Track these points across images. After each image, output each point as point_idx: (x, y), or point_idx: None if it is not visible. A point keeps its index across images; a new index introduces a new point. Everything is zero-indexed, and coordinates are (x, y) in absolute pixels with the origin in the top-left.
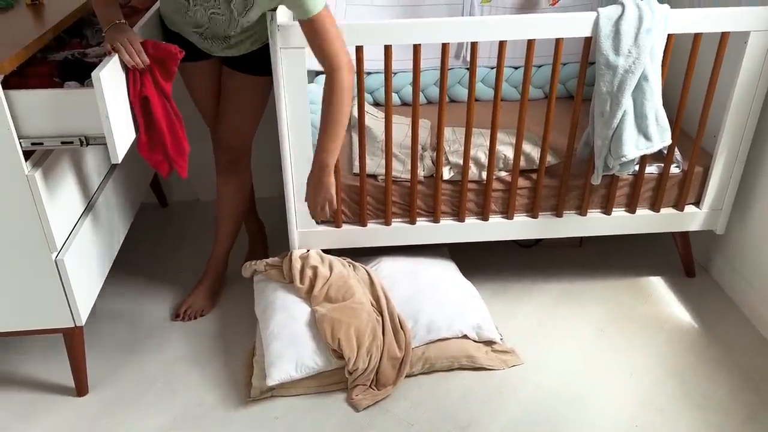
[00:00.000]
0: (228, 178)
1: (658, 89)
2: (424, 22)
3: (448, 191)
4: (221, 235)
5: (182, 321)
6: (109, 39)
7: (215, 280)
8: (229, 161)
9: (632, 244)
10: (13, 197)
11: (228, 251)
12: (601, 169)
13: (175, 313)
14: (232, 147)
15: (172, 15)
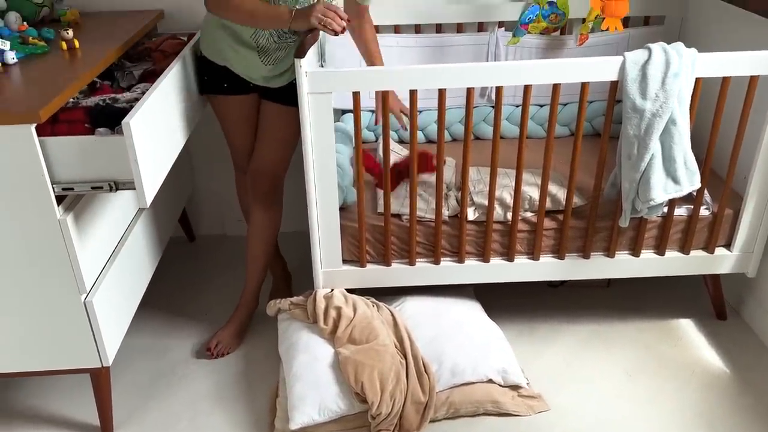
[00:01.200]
0: (261, 212)
1: (686, 133)
2: (449, 68)
3: (473, 231)
4: (253, 272)
5: (212, 357)
6: (310, 20)
7: (246, 317)
8: (264, 193)
9: (662, 285)
10: (45, 241)
11: (259, 288)
12: (629, 212)
13: (206, 347)
14: (267, 178)
15: (234, 43)
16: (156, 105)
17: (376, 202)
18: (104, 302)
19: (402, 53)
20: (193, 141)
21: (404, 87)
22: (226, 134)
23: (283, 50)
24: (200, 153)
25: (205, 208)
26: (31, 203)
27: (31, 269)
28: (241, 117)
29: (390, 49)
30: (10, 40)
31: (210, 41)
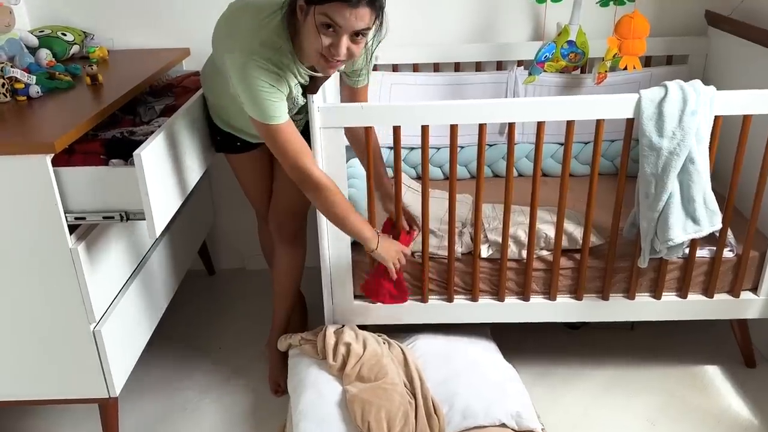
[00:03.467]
0: (287, 252)
1: (705, 172)
2: (460, 104)
3: (487, 269)
4: (280, 311)
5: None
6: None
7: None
8: (288, 234)
9: (687, 329)
10: (56, 269)
11: (287, 326)
12: (648, 252)
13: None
14: (290, 220)
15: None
16: (169, 138)
17: None
18: (114, 332)
19: (420, 91)
20: (214, 175)
21: (416, 123)
22: (243, 186)
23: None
24: (221, 187)
25: (225, 241)
26: (44, 231)
27: (41, 296)
28: (256, 169)
29: (408, 88)
30: (38, 75)
31: (220, 112)
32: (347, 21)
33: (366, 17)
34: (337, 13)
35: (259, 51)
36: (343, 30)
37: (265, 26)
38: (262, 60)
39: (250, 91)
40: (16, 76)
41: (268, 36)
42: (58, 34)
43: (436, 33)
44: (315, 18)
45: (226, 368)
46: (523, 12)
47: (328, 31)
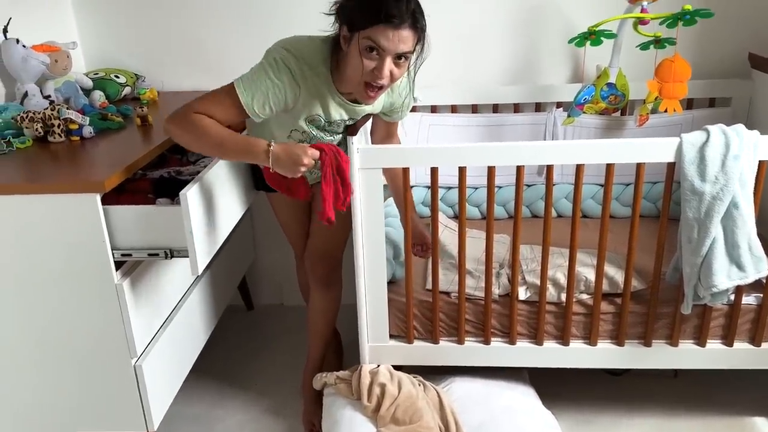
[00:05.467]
0: (322, 293)
1: (750, 217)
2: (497, 146)
3: (525, 312)
4: (314, 350)
5: None
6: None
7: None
8: (323, 275)
9: (734, 377)
10: (101, 304)
11: (321, 365)
12: (691, 298)
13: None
14: (325, 261)
15: None
16: (214, 178)
17: (425, 278)
18: (154, 367)
19: (458, 132)
20: (255, 211)
21: (454, 164)
22: (281, 225)
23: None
24: (262, 224)
25: (264, 277)
26: (91, 267)
27: (85, 330)
28: (293, 209)
29: (447, 128)
30: (91, 116)
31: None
32: (390, 42)
33: (409, 40)
34: (381, 35)
35: (294, 54)
36: (387, 53)
37: (311, 44)
38: (293, 61)
39: (258, 68)
40: (71, 117)
41: (310, 53)
42: (112, 76)
43: (474, 74)
44: (359, 43)
45: (262, 405)
46: (563, 54)
47: (371, 55)
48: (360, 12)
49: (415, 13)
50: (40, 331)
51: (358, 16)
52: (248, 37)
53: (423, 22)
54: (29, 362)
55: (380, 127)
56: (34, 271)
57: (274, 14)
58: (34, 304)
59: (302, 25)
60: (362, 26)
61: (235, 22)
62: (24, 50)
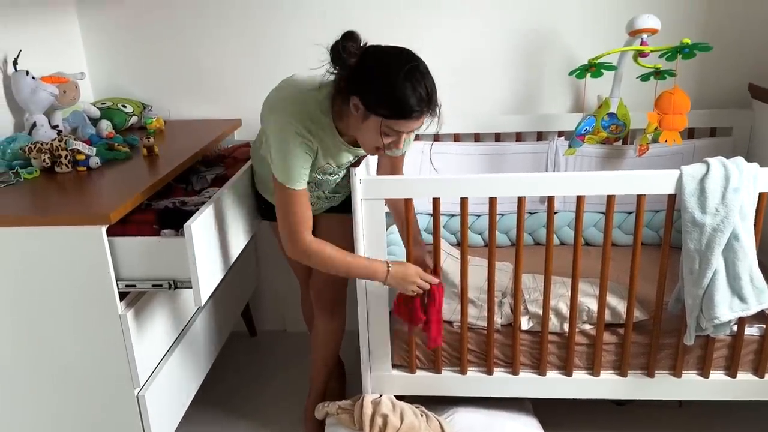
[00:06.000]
0: (326, 321)
1: (751, 249)
2: (499, 177)
3: (528, 342)
4: (317, 378)
5: None
6: (407, 287)
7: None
8: (327, 303)
9: (738, 408)
10: (105, 334)
11: (324, 393)
12: (694, 329)
13: None
14: (330, 289)
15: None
16: (217, 210)
17: None
18: (156, 397)
19: (461, 161)
20: (258, 238)
21: (455, 195)
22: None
23: (339, 193)
24: (265, 250)
25: (267, 304)
26: (95, 298)
27: (88, 360)
28: None
29: (449, 157)
30: (98, 146)
31: (266, 187)
32: (409, 128)
33: (425, 120)
34: (403, 126)
35: (298, 117)
36: (404, 133)
37: (307, 97)
38: (300, 126)
39: (281, 153)
40: (78, 148)
41: (309, 108)
42: (119, 105)
43: (477, 104)
44: (379, 124)
45: None
46: (564, 85)
47: (389, 135)
48: (383, 103)
49: (432, 100)
50: (43, 360)
51: (380, 106)
52: (255, 67)
53: (438, 101)
54: (32, 391)
55: (385, 162)
56: (39, 301)
57: (280, 44)
58: (38, 334)
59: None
60: (383, 115)
61: (241, 52)
62: (33, 82)
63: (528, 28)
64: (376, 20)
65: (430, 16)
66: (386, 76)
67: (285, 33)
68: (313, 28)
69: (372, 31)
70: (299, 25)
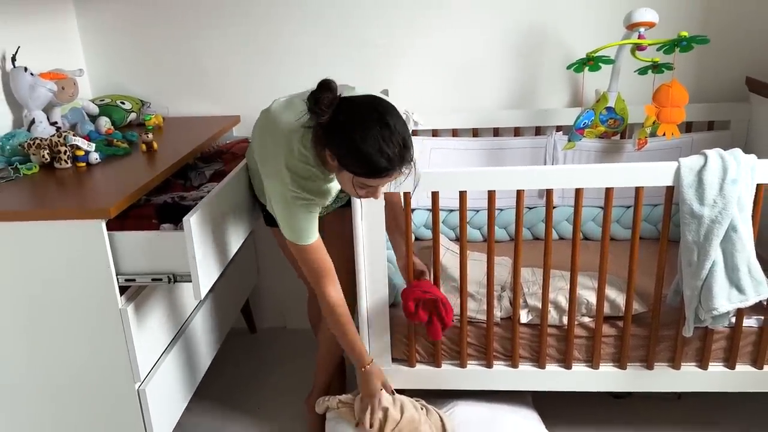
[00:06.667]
0: None
1: (749, 240)
2: (497, 170)
3: (527, 335)
4: (322, 373)
5: None
6: (371, 397)
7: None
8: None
9: (737, 400)
10: (105, 328)
11: (328, 388)
12: (693, 321)
13: None
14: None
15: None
16: (216, 205)
17: None
18: (157, 391)
19: (459, 156)
20: (258, 235)
21: (454, 188)
22: (291, 262)
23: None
24: (265, 247)
25: (267, 300)
26: (96, 292)
27: (89, 354)
28: None
29: (448, 152)
30: (97, 143)
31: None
32: (382, 183)
33: (399, 175)
34: (374, 182)
35: (289, 178)
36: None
37: (292, 154)
38: (297, 189)
39: (288, 218)
40: (77, 144)
41: (296, 164)
42: (117, 102)
43: (475, 99)
44: (352, 179)
45: (265, 429)
46: (562, 79)
47: (364, 188)
48: (353, 163)
49: (404, 157)
50: (44, 354)
51: (351, 165)
52: (253, 64)
53: (412, 156)
54: (32, 386)
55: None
56: (39, 295)
57: (278, 41)
58: (38, 329)
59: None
60: (354, 173)
61: (240, 49)
62: (32, 78)
63: (526, 23)
64: (374, 17)
65: (428, 12)
66: (356, 136)
67: (282, 30)
68: (311, 25)
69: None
70: (297, 22)
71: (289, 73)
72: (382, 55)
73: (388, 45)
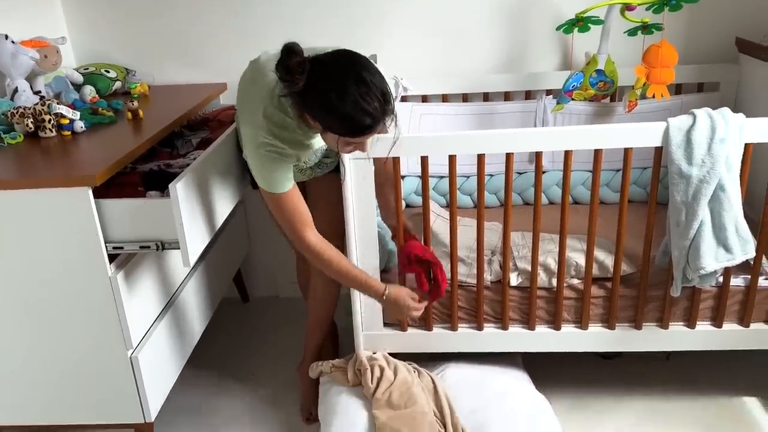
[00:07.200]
0: (323, 283)
1: (737, 199)
2: (486, 134)
3: (517, 297)
4: (313, 338)
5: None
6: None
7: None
8: None
9: (725, 359)
10: (96, 297)
11: (319, 353)
12: (680, 281)
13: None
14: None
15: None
16: (203, 171)
17: None
18: (150, 358)
19: (449, 121)
20: (248, 204)
21: (444, 152)
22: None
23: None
24: (256, 217)
25: (259, 270)
26: (85, 260)
27: (80, 323)
28: None
29: (437, 118)
30: (82, 111)
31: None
32: (368, 138)
33: (383, 129)
34: (360, 138)
35: (265, 126)
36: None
37: (272, 100)
38: (269, 137)
39: (258, 164)
40: (62, 113)
41: (274, 110)
42: (102, 71)
43: (464, 64)
44: (337, 139)
45: (259, 395)
46: (551, 42)
47: (350, 145)
48: (336, 125)
49: (385, 109)
50: (35, 323)
51: (334, 127)
52: (239, 31)
53: (393, 107)
54: (25, 355)
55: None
56: (28, 264)
57: (264, 7)
58: (28, 297)
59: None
60: (339, 133)
61: (225, 15)
62: (13, 46)
63: None
64: None
65: None
66: (333, 98)
67: None
68: None
69: None
70: None
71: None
72: (370, 21)
73: (376, 10)
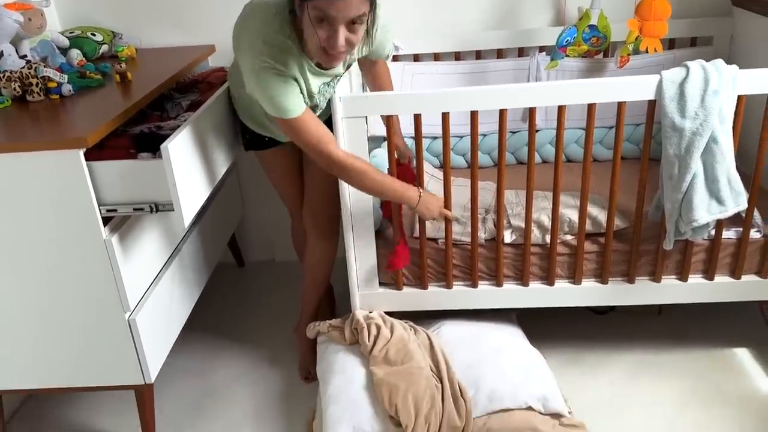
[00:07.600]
0: (322, 244)
1: (729, 152)
2: (480, 90)
3: (511, 254)
4: (309, 301)
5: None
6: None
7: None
8: (323, 226)
9: (715, 312)
10: (91, 260)
11: (316, 315)
12: (673, 234)
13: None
14: (325, 211)
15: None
16: (195, 132)
17: (413, 226)
18: (148, 321)
19: (442, 80)
20: (242, 169)
21: (437, 110)
22: (275, 186)
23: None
24: (250, 181)
25: (254, 234)
26: (79, 223)
27: (77, 286)
28: (286, 165)
29: (430, 77)
30: (69, 75)
31: (249, 108)
32: (339, 11)
33: (357, 3)
34: (327, 5)
35: (264, 51)
36: (338, 21)
37: (271, 25)
38: (270, 60)
39: (263, 90)
40: (49, 76)
41: (274, 35)
42: (88, 34)
43: (456, 22)
44: (309, 13)
45: (257, 356)
46: None
47: (323, 25)
48: None
49: None
50: (32, 288)
51: None
52: None
53: None
54: (23, 320)
55: (366, 68)
56: (22, 229)
57: None
58: (24, 262)
59: None
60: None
61: None
62: None
63: None
64: None
65: None
66: None
67: None
68: None
69: None
70: None
71: None
72: None
73: None
